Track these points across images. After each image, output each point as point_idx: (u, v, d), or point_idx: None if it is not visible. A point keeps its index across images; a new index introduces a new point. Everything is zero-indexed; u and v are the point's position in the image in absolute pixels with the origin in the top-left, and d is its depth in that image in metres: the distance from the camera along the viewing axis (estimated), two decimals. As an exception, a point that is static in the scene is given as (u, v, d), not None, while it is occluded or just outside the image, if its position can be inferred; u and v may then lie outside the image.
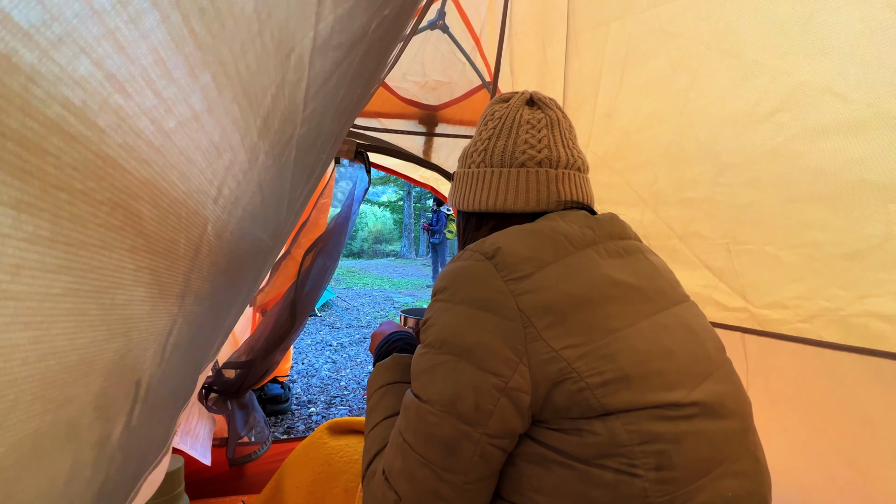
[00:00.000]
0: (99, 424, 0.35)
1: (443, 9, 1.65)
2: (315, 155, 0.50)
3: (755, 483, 0.61)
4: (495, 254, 0.61)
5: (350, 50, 0.39)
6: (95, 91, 0.25)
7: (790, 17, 0.99)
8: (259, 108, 0.35)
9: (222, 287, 0.44)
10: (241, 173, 0.37)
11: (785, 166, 1.06)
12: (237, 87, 0.33)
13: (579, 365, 0.56)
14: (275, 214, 0.49)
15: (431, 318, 0.64)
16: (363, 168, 1.62)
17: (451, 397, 0.58)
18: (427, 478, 0.58)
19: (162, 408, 0.46)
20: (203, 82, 0.30)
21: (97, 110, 0.25)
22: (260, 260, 0.57)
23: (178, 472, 1.28)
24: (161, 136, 0.29)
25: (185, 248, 0.36)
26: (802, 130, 1.02)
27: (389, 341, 0.90)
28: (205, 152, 0.33)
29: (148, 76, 0.27)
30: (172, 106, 0.29)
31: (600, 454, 0.55)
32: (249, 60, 0.32)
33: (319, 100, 0.39)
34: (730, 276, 1.22)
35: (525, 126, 0.73)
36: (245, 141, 0.36)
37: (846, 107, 0.94)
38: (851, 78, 0.93)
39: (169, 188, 0.32)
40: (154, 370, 0.40)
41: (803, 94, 1.00)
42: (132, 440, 0.40)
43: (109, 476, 0.39)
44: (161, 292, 0.36)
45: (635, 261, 0.69)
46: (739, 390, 0.66)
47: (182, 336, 0.41)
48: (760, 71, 1.06)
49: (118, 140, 0.27)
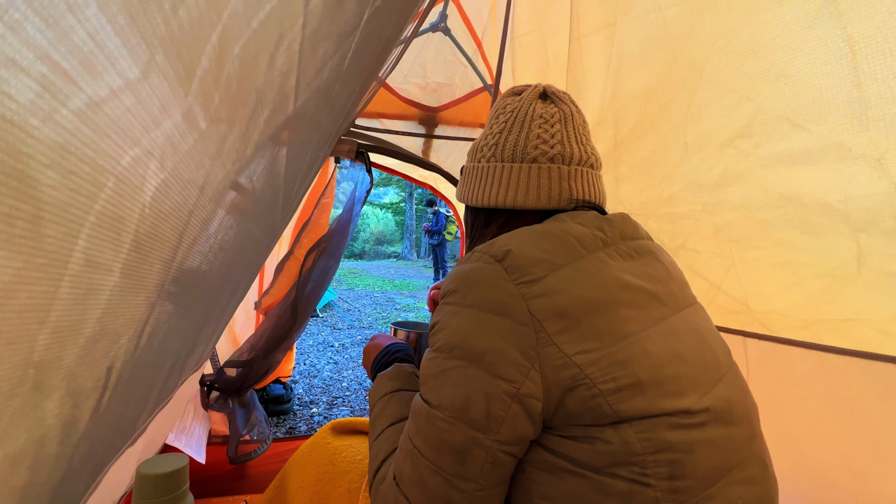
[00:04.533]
0: (67, 409, 0.35)
1: (445, 11, 1.66)
2: (312, 150, 0.50)
3: (764, 489, 0.60)
4: (505, 256, 0.60)
5: (342, 41, 0.39)
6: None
7: (756, 39, 0.99)
8: (246, 96, 0.35)
9: (211, 279, 0.44)
10: (230, 163, 0.36)
11: (752, 190, 1.07)
12: (221, 72, 0.32)
13: (592, 371, 0.55)
14: (269, 207, 0.49)
15: (441, 322, 0.62)
16: (364, 169, 1.62)
17: (461, 403, 0.57)
18: (438, 485, 0.57)
19: (133, 397, 0.46)
20: (177, 67, 0.30)
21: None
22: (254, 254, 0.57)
23: (182, 470, 1.28)
24: (138, 121, 0.29)
25: (165, 236, 0.36)
26: (764, 157, 1.03)
27: (389, 352, 0.88)
28: (190, 141, 0.33)
29: (107, 64, 0.26)
30: (140, 90, 0.28)
31: (612, 463, 0.54)
32: (236, 45, 0.31)
33: (312, 91, 0.38)
34: (728, 286, 1.22)
35: (538, 120, 0.71)
36: (232, 130, 0.35)
37: (804, 136, 0.95)
38: (806, 107, 0.93)
39: (150, 177, 0.32)
40: (127, 358, 0.39)
41: (763, 121, 1.01)
42: (99, 428, 0.40)
43: (73, 465, 0.38)
44: (138, 279, 0.35)
45: (647, 263, 0.67)
46: (747, 395, 0.66)
47: (160, 325, 0.41)
48: (727, 93, 1.07)
49: (70, 124, 0.26)
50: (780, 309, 1.13)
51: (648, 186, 1.31)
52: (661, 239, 1.30)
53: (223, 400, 1.70)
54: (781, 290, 1.10)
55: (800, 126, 0.95)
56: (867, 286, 0.95)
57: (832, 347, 1.09)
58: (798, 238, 1.02)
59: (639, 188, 1.34)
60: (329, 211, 1.93)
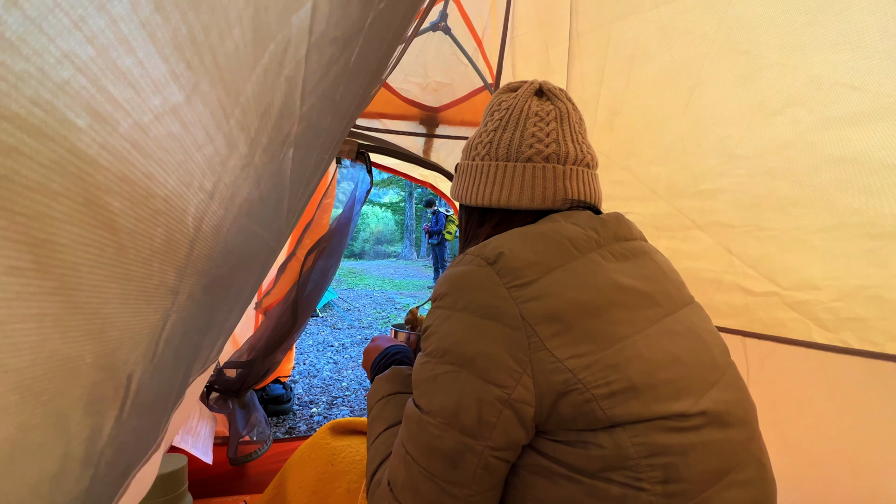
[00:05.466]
0: (90, 419, 0.35)
1: (445, 10, 1.66)
2: (316, 153, 0.50)
3: (761, 491, 0.60)
4: (497, 259, 0.59)
5: (346, 45, 0.39)
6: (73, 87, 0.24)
7: (797, 13, 0.99)
8: (256, 103, 0.35)
9: (219, 284, 0.44)
10: (239, 168, 0.36)
11: (801, 155, 1.05)
12: (231, 81, 0.32)
13: (585, 375, 0.54)
14: (275, 212, 0.49)
15: (432, 326, 0.62)
16: (364, 168, 1.62)
17: (453, 409, 0.56)
18: (431, 490, 0.57)
19: (153, 403, 0.46)
20: (193, 75, 0.30)
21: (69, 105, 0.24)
22: (261, 258, 0.57)
23: (181, 471, 1.28)
24: (147, 129, 0.29)
25: (179, 242, 0.36)
26: (817, 122, 1.01)
27: (387, 355, 0.88)
28: (199, 147, 0.33)
29: (118, 66, 0.26)
30: (153, 98, 0.29)
31: (606, 467, 0.53)
32: (242, 53, 0.32)
33: (317, 96, 0.38)
34: (756, 261, 1.20)
35: (533, 118, 0.70)
36: (242, 136, 0.36)
37: (862, 97, 0.94)
38: (863, 71, 0.93)
39: (162, 183, 0.32)
40: (146, 365, 0.39)
41: (817, 88, 1.00)
42: (123, 435, 0.40)
43: (99, 472, 0.39)
44: (154, 287, 0.35)
45: (641, 263, 0.66)
46: (745, 396, 0.65)
47: (175, 332, 0.41)
48: (768, 66, 1.06)
49: (93, 135, 0.26)
50: (816, 279, 1.11)
51: (680, 167, 1.29)
52: (691, 217, 1.30)
53: (223, 401, 1.69)
54: (822, 259, 1.09)
55: (858, 88, 0.94)
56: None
57: (832, 347, 1.09)
58: (849, 199, 1.01)
59: (668, 170, 1.33)
60: (330, 211, 1.93)
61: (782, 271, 1.17)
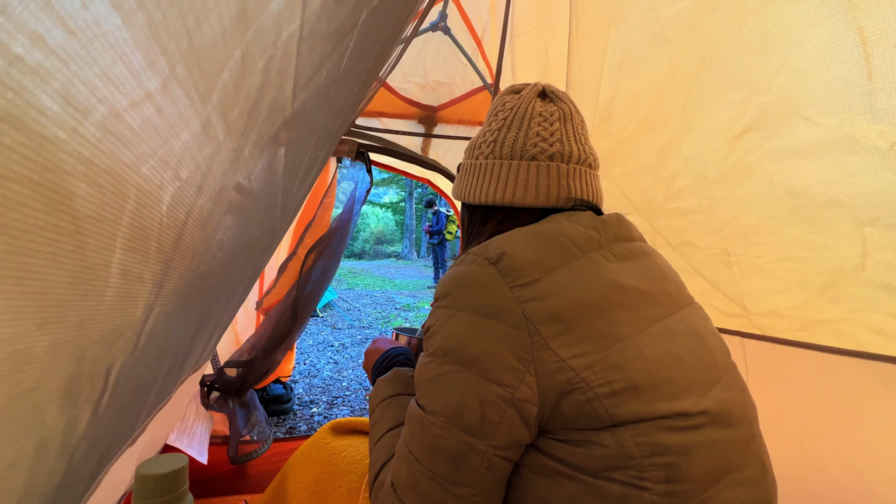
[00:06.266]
0: (66, 412, 0.35)
1: (444, 10, 1.66)
2: (311, 151, 0.50)
3: (762, 490, 0.60)
4: (500, 259, 0.59)
5: (340, 41, 0.38)
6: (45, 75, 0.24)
7: (766, 33, 0.99)
8: (244, 98, 0.35)
9: (210, 279, 0.44)
10: (227, 163, 0.36)
11: (759, 185, 1.07)
12: (217, 74, 0.32)
13: (587, 374, 0.54)
14: (268, 209, 0.48)
15: (434, 326, 0.62)
16: (364, 168, 1.62)
17: (456, 408, 0.56)
18: (434, 490, 0.57)
19: (132, 397, 0.45)
20: (177, 67, 0.30)
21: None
22: (254, 255, 0.57)
23: (182, 470, 1.27)
24: (130, 121, 0.29)
25: (163, 236, 0.35)
26: (773, 150, 1.03)
27: (389, 356, 0.88)
28: (184, 140, 0.32)
29: (107, 59, 0.26)
30: (138, 90, 0.28)
31: (608, 467, 0.53)
32: (231, 46, 0.31)
33: (310, 92, 0.38)
34: (726, 286, 1.21)
35: (537, 118, 0.71)
36: (229, 130, 0.35)
37: (813, 129, 0.95)
38: (818, 99, 0.93)
39: (148, 176, 0.31)
40: (126, 358, 0.39)
41: (772, 115, 1.01)
42: (98, 429, 0.40)
43: (73, 465, 0.38)
44: (136, 280, 0.35)
45: (642, 263, 0.67)
46: (745, 396, 0.65)
47: (159, 325, 0.41)
48: (739, 85, 1.06)
49: (66, 120, 0.26)
50: (779, 309, 1.13)
51: (656, 182, 1.30)
52: (665, 235, 1.30)
53: (223, 400, 1.70)
54: (782, 289, 1.10)
55: (809, 119, 0.95)
56: (870, 283, 0.95)
57: (831, 348, 1.09)
58: (803, 233, 1.02)
59: (646, 184, 1.34)
60: (331, 211, 1.93)
61: (750, 296, 1.18)
